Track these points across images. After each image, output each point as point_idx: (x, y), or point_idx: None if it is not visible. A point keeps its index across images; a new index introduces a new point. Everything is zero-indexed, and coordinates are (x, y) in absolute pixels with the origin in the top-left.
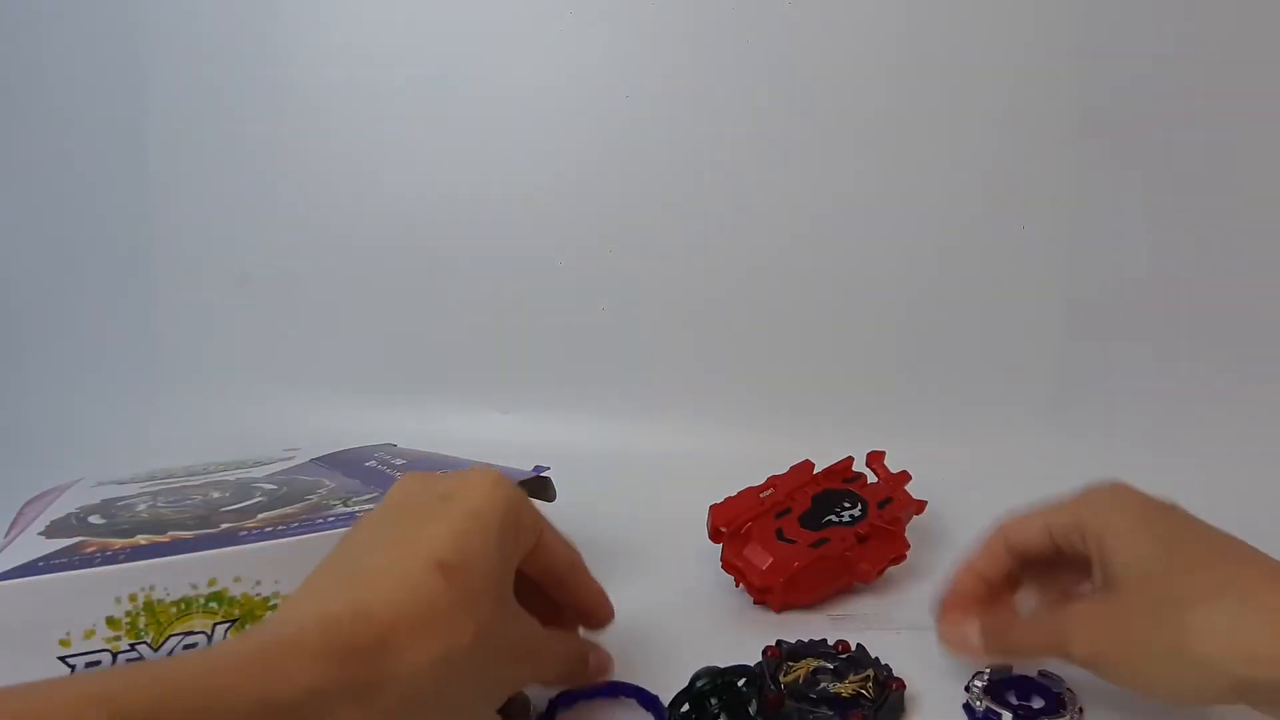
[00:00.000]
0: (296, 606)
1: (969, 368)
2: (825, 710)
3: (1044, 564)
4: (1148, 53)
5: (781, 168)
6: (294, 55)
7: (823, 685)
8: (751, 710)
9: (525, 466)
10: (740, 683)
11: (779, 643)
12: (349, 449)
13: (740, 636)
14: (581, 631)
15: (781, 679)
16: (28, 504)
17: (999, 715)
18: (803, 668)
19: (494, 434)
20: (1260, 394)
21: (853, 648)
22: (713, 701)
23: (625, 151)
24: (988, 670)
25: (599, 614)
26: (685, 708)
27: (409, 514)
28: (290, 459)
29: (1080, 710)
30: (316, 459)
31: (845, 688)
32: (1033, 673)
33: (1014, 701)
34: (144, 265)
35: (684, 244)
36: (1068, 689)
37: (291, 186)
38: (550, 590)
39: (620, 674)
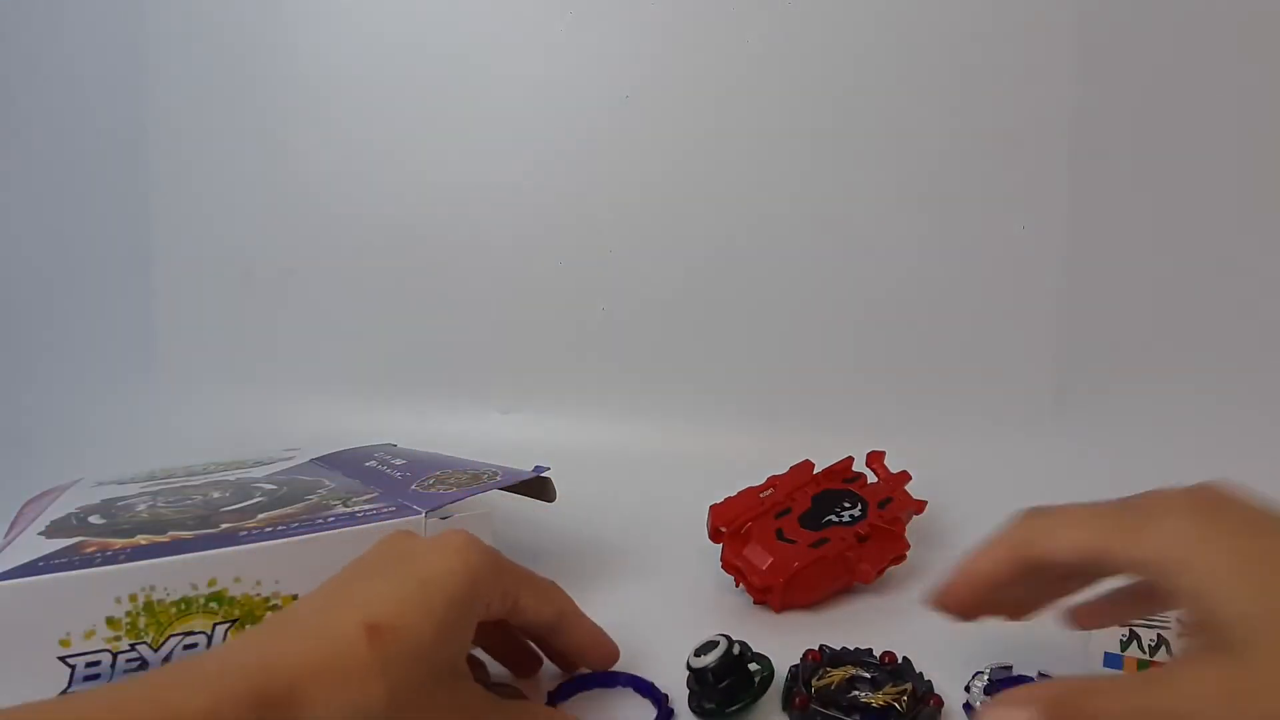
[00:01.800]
0: (227, 651)
1: (969, 368)
2: (848, 718)
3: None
4: (1148, 52)
5: (781, 168)
6: (295, 54)
7: (854, 693)
8: (755, 682)
9: (526, 466)
10: (749, 662)
11: (822, 647)
12: (349, 449)
13: (740, 637)
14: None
15: (814, 683)
16: (27, 504)
17: None
18: (840, 674)
19: (494, 434)
20: (1260, 394)
21: (899, 660)
22: (711, 675)
23: (625, 152)
24: (987, 670)
25: (597, 657)
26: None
27: (365, 573)
28: (290, 459)
29: None
30: (316, 459)
31: (878, 698)
32: (1033, 672)
33: None
34: (144, 264)
35: (683, 244)
36: None
37: (292, 186)
38: (542, 643)
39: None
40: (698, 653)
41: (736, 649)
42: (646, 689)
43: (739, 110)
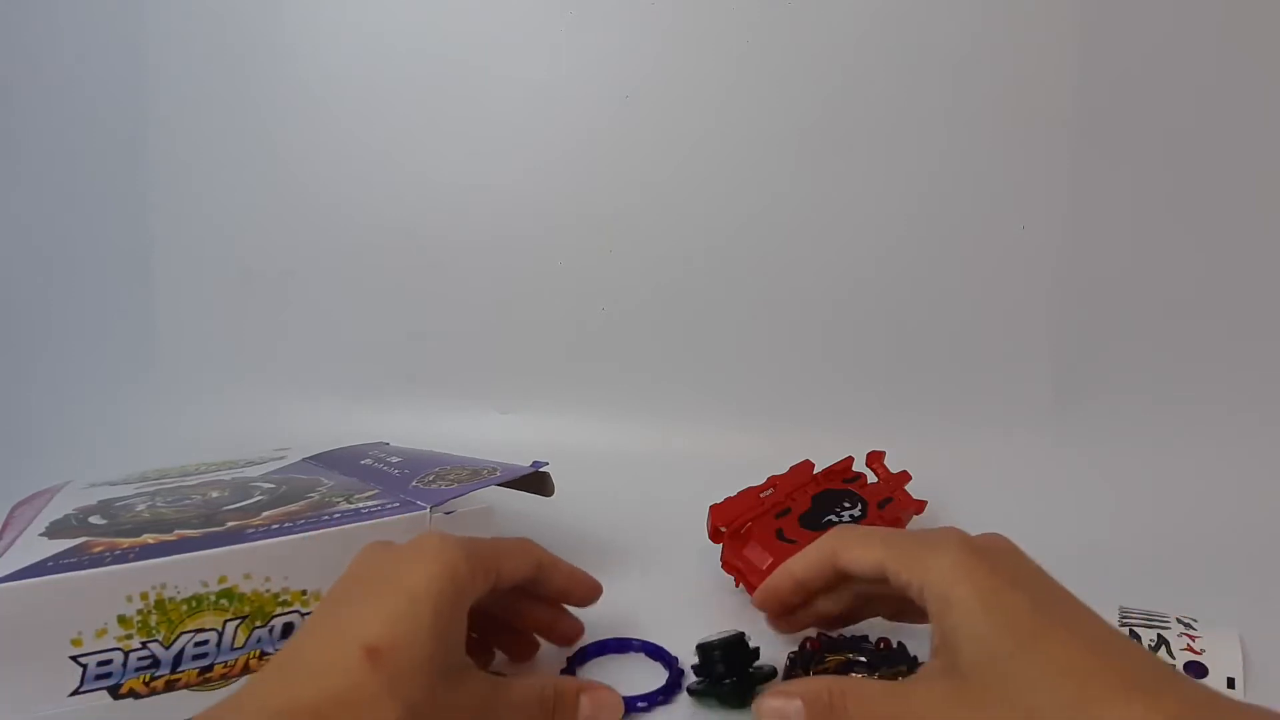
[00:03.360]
0: (244, 698)
1: (969, 368)
2: None
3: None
4: (1147, 51)
5: (781, 168)
6: (294, 54)
7: (851, 675)
8: (751, 672)
9: (525, 465)
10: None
11: (820, 635)
12: (341, 448)
13: None
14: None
15: (813, 668)
16: (16, 507)
17: None
18: (837, 659)
19: (494, 434)
20: (1259, 394)
21: (894, 645)
22: (718, 653)
23: (626, 152)
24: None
25: (582, 593)
26: (695, 661)
27: (350, 596)
28: (282, 458)
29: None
30: (309, 458)
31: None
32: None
33: None
34: (144, 265)
35: (683, 244)
36: None
37: (292, 186)
38: (532, 596)
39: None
40: (710, 636)
41: (751, 642)
42: (659, 653)
43: (739, 110)
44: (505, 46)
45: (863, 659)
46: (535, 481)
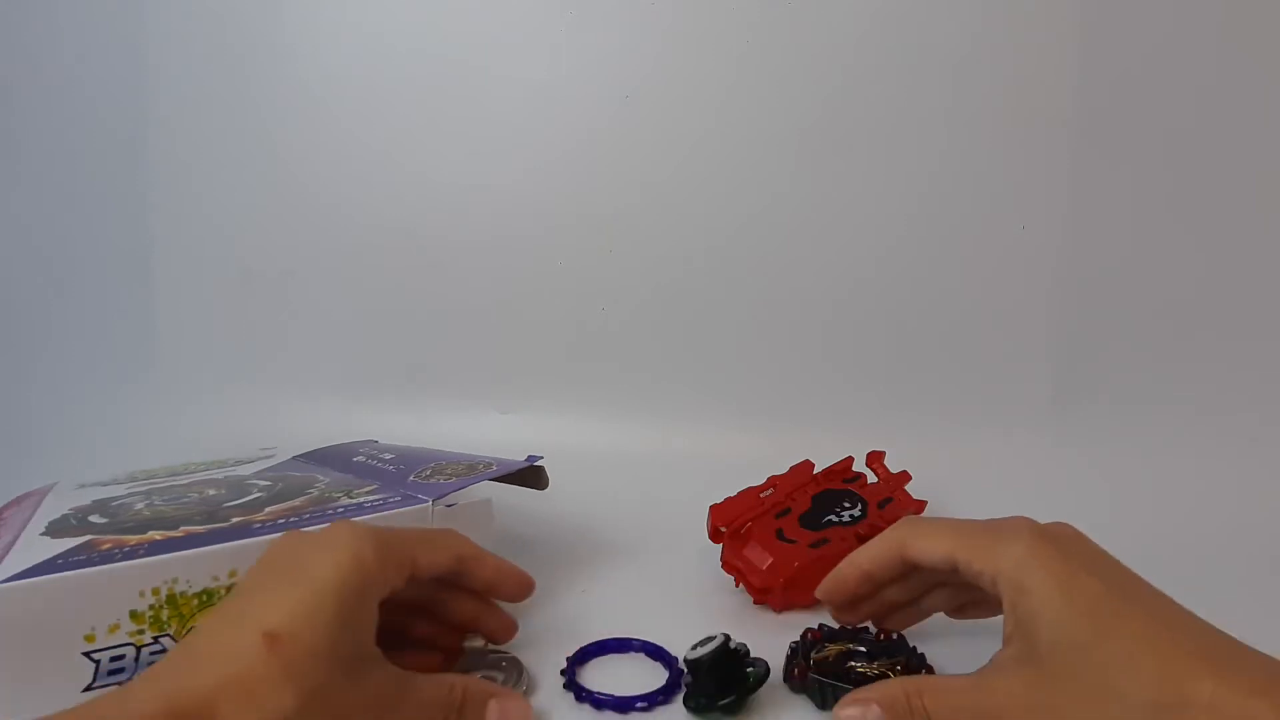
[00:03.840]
0: (142, 684)
1: (969, 368)
2: (844, 685)
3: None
4: (1147, 51)
5: (781, 168)
6: (294, 55)
7: (850, 664)
8: (749, 679)
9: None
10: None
11: (821, 626)
12: (330, 446)
13: (740, 637)
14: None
15: (813, 656)
16: (3, 509)
17: None
18: (837, 648)
19: (495, 434)
20: (1258, 394)
21: (894, 637)
22: (707, 669)
23: (626, 152)
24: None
25: (510, 588)
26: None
27: (258, 584)
28: (269, 457)
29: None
30: (298, 456)
31: (871, 668)
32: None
33: None
34: (144, 265)
35: (684, 243)
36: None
37: (292, 187)
38: (460, 590)
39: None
40: (694, 647)
41: (732, 644)
42: (658, 653)
43: (739, 110)
44: (505, 46)
45: (862, 649)
46: (530, 475)
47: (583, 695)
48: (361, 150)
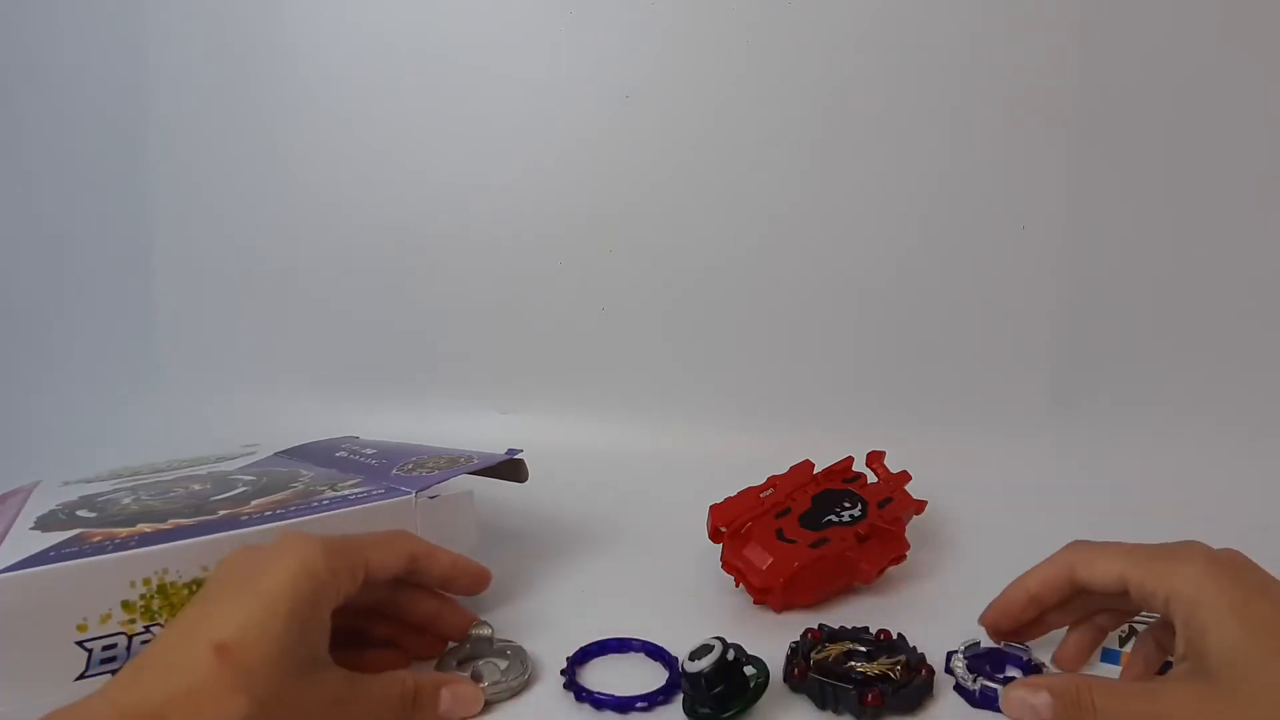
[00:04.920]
0: (95, 699)
1: (969, 368)
2: (844, 685)
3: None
4: (1148, 52)
5: (781, 169)
6: (294, 55)
7: (850, 664)
8: (750, 686)
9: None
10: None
11: (821, 626)
12: (312, 442)
13: (741, 637)
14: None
15: (813, 656)
16: None
17: (995, 691)
18: (837, 648)
19: (494, 433)
20: (1259, 394)
21: (894, 636)
22: (707, 680)
23: (625, 152)
24: (962, 647)
25: (466, 582)
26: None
27: (210, 598)
28: (252, 453)
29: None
30: (280, 452)
31: (872, 668)
32: (1000, 644)
33: (999, 675)
34: (144, 266)
35: (683, 244)
36: (1035, 658)
37: (292, 187)
38: (415, 589)
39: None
40: (692, 656)
41: (731, 654)
42: (659, 653)
43: (739, 110)
44: (505, 46)
45: (863, 648)
46: (510, 469)
47: (582, 695)
48: (361, 151)
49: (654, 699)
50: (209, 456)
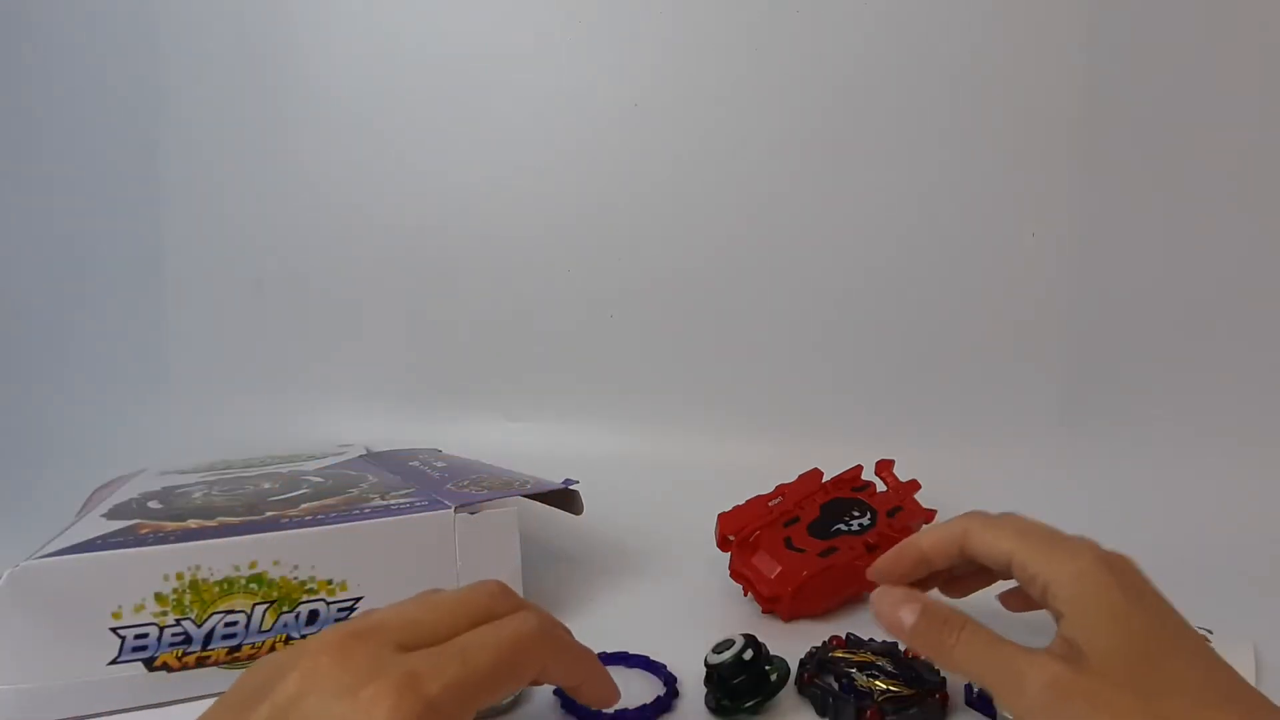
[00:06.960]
0: None
1: (978, 376)
2: (844, 697)
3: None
4: (1156, 58)
5: (791, 177)
6: (307, 65)
7: (848, 670)
8: (770, 681)
9: (538, 473)
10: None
11: (849, 635)
12: (396, 449)
13: None
14: None
15: (820, 660)
16: (97, 490)
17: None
18: (857, 659)
19: (503, 441)
20: (1270, 409)
21: (922, 657)
22: (729, 672)
23: (635, 160)
24: None
25: (588, 699)
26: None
27: None
28: (342, 454)
29: None
30: (364, 456)
31: (883, 683)
32: None
33: None
34: (158, 273)
35: (692, 252)
36: None
37: (305, 196)
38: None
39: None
40: (716, 649)
41: (749, 653)
42: (657, 669)
43: (747, 118)
44: (516, 56)
45: (886, 666)
46: (565, 499)
47: (571, 708)
48: (374, 160)
49: (645, 714)
50: (301, 454)
